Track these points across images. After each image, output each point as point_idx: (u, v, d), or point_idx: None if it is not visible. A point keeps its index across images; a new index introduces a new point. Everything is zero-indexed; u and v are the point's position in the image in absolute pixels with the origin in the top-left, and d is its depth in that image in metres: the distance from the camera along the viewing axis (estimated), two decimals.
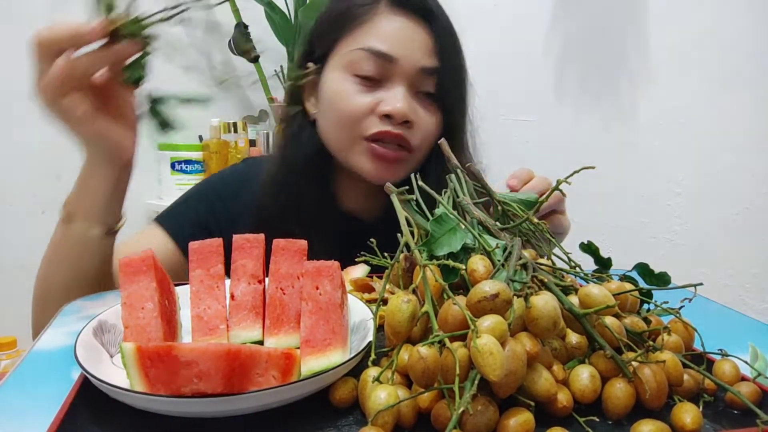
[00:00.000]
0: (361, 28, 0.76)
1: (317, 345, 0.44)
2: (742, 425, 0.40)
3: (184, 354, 0.37)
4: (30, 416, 0.40)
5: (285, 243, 0.52)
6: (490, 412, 0.36)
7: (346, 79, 0.76)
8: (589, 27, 1.62)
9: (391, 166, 0.76)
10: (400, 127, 0.75)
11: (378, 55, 0.74)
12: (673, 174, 1.59)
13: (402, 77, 0.75)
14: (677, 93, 1.57)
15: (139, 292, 0.47)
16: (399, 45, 0.74)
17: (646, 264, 0.54)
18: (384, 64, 0.74)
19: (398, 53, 0.74)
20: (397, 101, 0.73)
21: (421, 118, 0.76)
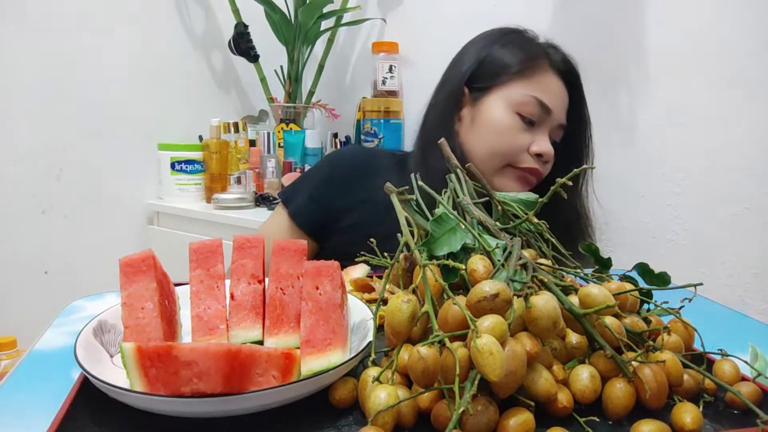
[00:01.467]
0: (531, 78, 0.92)
1: (317, 345, 0.44)
2: (742, 425, 0.40)
3: (184, 354, 0.37)
4: (30, 416, 0.40)
5: (285, 243, 0.52)
6: (490, 412, 0.36)
7: (510, 115, 0.92)
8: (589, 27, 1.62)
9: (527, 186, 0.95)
10: (542, 164, 0.93)
11: (542, 105, 0.91)
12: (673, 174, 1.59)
13: (549, 126, 0.93)
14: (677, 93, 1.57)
15: (139, 292, 0.47)
16: (555, 101, 0.92)
17: (646, 264, 0.54)
18: (543, 113, 0.91)
19: (553, 107, 0.92)
20: (547, 145, 0.92)
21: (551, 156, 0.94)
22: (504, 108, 0.92)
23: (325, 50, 1.88)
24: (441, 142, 0.65)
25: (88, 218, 1.72)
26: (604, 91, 1.65)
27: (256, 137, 1.88)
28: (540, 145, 0.91)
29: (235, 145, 1.82)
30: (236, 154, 1.82)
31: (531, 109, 0.91)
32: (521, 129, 0.91)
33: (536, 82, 0.92)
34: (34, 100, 1.67)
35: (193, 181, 1.77)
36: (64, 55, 1.68)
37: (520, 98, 0.91)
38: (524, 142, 0.91)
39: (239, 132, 1.84)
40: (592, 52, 1.63)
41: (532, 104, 0.91)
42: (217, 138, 1.78)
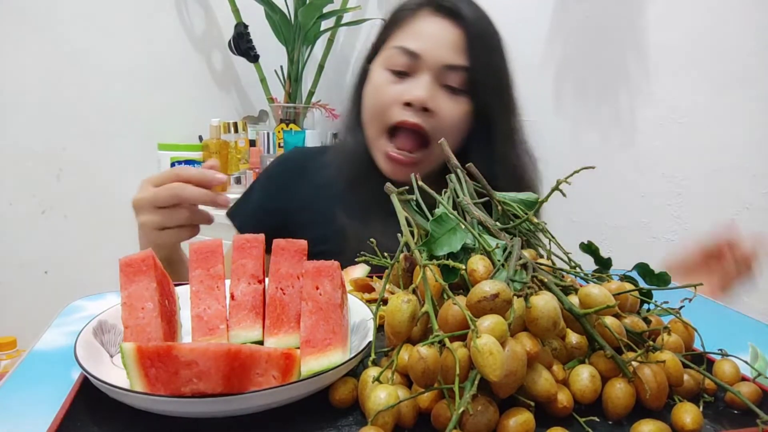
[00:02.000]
0: (401, 30, 0.86)
1: (317, 345, 0.44)
2: (742, 425, 0.40)
3: (184, 354, 0.37)
4: (30, 416, 0.40)
5: (285, 243, 0.52)
6: (490, 412, 0.36)
7: (382, 73, 0.86)
8: (589, 27, 1.62)
9: (407, 168, 0.84)
10: (418, 115, 0.82)
11: (406, 52, 0.83)
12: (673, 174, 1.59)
13: (427, 71, 0.83)
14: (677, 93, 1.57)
15: (139, 292, 0.47)
16: (426, 43, 0.83)
17: (646, 264, 0.54)
18: (412, 59, 0.83)
19: (423, 50, 0.82)
20: (418, 90, 0.81)
21: (442, 107, 0.83)
22: (378, 70, 0.87)
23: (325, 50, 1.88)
24: (441, 142, 0.65)
25: (88, 218, 1.72)
26: (605, 91, 1.65)
27: (256, 137, 1.88)
28: (410, 92, 0.82)
29: (235, 145, 1.82)
30: (236, 154, 1.82)
31: (397, 60, 0.84)
32: (390, 82, 0.84)
33: (405, 33, 0.86)
34: (34, 100, 1.67)
35: None
36: (65, 56, 1.68)
37: (387, 53, 0.86)
38: (394, 93, 0.83)
39: (239, 132, 1.84)
40: (593, 52, 1.63)
41: (397, 54, 0.84)
42: (217, 138, 1.78)
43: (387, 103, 0.84)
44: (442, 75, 0.83)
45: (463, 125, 0.85)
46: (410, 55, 0.83)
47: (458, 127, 0.85)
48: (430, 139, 0.84)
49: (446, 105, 0.83)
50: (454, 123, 0.84)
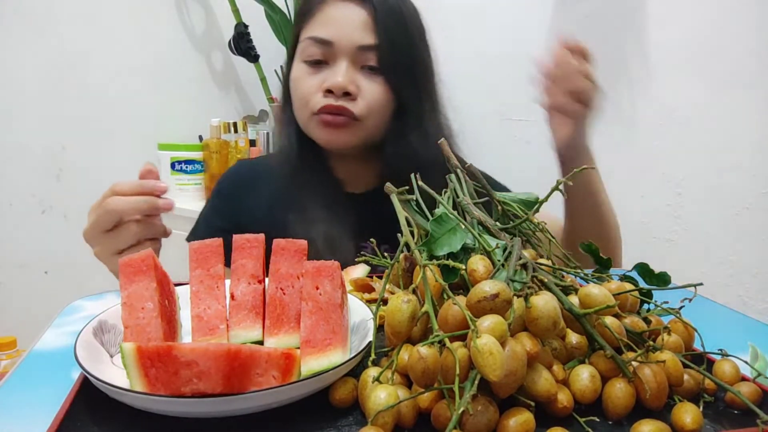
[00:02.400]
0: (313, 19, 0.86)
1: (317, 345, 0.44)
2: (742, 425, 0.40)
3: (184, 354, 0.37)
4: (30, 416, 0.40)
5: (285, 243, 0.52)
6: (490, 412, 0.36)
7: (299, 66, 0.87)
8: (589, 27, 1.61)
9: (338, 130, 0.85)
10: (341, 99, 0.83)
11: (318, 41, 0.84)
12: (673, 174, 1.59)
13: (343, 56, 0.84)
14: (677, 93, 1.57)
15: (139, 292, 0.47)
16: (337, 29, 0.84)
17: (646, 264, 0.54)
18: (325, 48, 0.84)
19: (335, 37, 0.83)
20: (337, 76, 0.82)
21: (363, 89, 0.84)
22: (296, 64, 0.88)
23: None
24: (441, 142, 0.65)
25: None
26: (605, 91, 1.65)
27: (256, 137, 1.88)
28: (329, 79, 0.83)
29: (236, 145, 1.82)
30: (236, 154, 1.82)
31: (311, 51, 0.85)
32: (308, 74, 0.85)
33: (313, 23, 0.86)
34: (34, 100, 1.67)
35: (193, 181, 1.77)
36: (65, 55, 1.68)
37: (302, 46, 0.87)
38: (313, 84, 0.85)
39: (239, 132, 1.84)
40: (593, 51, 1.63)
41: (310, 45, 0.85)
42: (217, 138, 1.78)
43: (308, 94, 0.85)
44: (358, 57, 0.84)
45: (387, 104, 0.86)
46: (322, 44, 0.84)
47: (382, 107, 0.86)
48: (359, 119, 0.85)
49: (366, 86, 0.84)
50: (378, 103, 0.85)
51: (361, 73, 0.85)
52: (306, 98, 0.85)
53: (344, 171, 0.94)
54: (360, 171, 0.94)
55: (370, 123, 0.86)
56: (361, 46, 0.83)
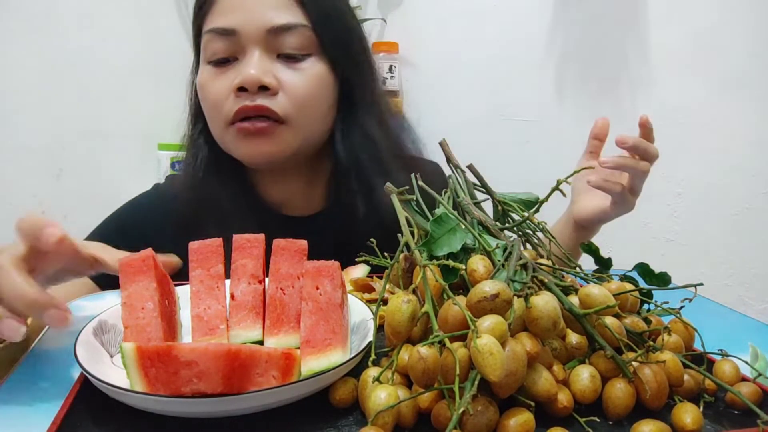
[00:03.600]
0: (211, 11, 0.71)
1: (317, 345, 0.44)
2: (742, 425, 0.40)
3: (184, 354, 0.37)
4: (30, 416, 0.40)
5: (285, 243, 0.52)
6: (490, 412, 0.36)
7: (205, 69, 0.72)
8: (590, 27, 1.61)
9: (263, 140, 0.69)
10: (258, 97, 0.68)
11: (220, 33, 0.69)
12: (673, 174, 1.59)
13: (252, 44, 0.69)
14: (677, 93, 1.57)
15: (139, 292, 0.47)
16: (239, 14, 0.68)
17: (646, 264, 0.54)
18: (229, 39, 0.69)
19: (238, 23, 0.68)
20: (248, 68, 0.67)
21: (285, 81, 0.69)
22: (202, 68, 0.73)
23: None
24: (441, 142, 0.65)
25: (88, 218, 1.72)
26: (605, 91, 1.65)
27: None
28: (240, 73, 0.68)
29: None
30: None
31: (214, 46, 0.70)
32: (216, 76, 0.70)
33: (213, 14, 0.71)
34: (34, 100, 1.67)
35: None
36: (64, 55, 1.68)
37: (204, 44, 0.71)
38: (225, 85, 0.69)
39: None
40: (593, 52, 1.63)
41: (212, 40, 0.70)
42: None
43: (219, 99, 0.69)
44: (272, 43, 0.69)
45: (321, 95, 0.71)
46: (225, 35, 0.69)
47: (315, 99, 0.71)
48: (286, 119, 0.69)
49: (288, 77, 0.69)
50: (306, 95, 0.70)
51: (279, 62, 0.70)
52: (217, 105, 0.70)
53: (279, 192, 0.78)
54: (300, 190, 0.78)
55: (301, 123, 0.70)
56: (272, 28, 0.68)
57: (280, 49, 0.69)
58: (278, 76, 0.69)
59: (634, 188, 0.77)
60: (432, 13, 1.65)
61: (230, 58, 0.70)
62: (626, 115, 1.63)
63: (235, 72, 0.69)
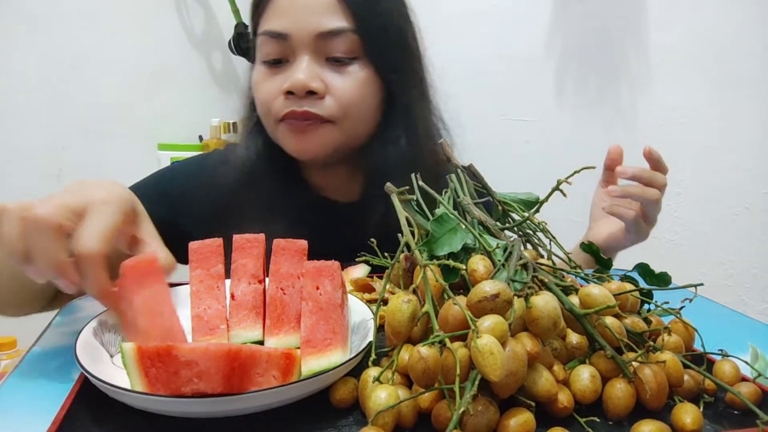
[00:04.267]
0: (265, 12, 0.75)
1: (317, 345, 0.44)
2: (742, 426, 0.40)
3: (184, 354, 0.37)
4: (30, 416, 0.40)
5: (285, 243, 0.52)
6: (490, 412, 0.36)
7: (258, 69, 0.76)
8: (590, 27, 1.62)
9: (308, 136, 0.73)
10: (305, 101, 0.71)
11: (273, 36, 0.72)
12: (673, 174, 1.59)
13: (302, 49, 0.72)
14: (677, 93, 1.57)
15: (155, 297, 0.47)
16: (291, 18, 0.71)
17: (647, 264, 0.54)
18: (281, 42, 0.72)
19: (290, 27, 0.71)
20: (297, 73, 0.70)
21: (332, 84, 0.72)
22: (257, 67, 0.77)
23: None
24: (442, 142, 0.65)
25: None
26: (605, 91, 1.65)
27: None
28: (289, 78, 0.71)
29: None
30: None
31: (267, 48, 0.73)
32: (268, 76, 0.74)
33: (267, 16, 0.74)
34: (34, 100, 1.67)
35: None
36: (65, 56, 1.68)
37: (258, 45, 0.75)
38: (273, 87, 0.73)
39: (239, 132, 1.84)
40: (593, 52, 1.63)
41: (265, 42, 0.73)
42: (217, 138, 1.78)
43: (269, 99, 0.74)
44: (321, 47, 0.71)
45: (367, 98, 0.74)
46: (278, 38, 0.72)
47: (361, 102, 0.74)
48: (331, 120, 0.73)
49: (335, 81, 0.72)
50: (352, 98, 0.73)
51: (328, 66, 0.72)
52: (266, 104, 0.74)
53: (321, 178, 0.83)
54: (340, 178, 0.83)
55: (347, 125, 0.74)
56: (321, 33, 0.70)
57: (328, 53, 0.72)
58: (326, 80, 0.72)
59: (648, 216, 0.79)
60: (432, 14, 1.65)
61: (282, 60, 0.74)
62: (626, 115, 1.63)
63: (286, 74, 0.72)
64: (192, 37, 1.91)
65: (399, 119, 0.77)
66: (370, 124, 0.77)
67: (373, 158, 0.77)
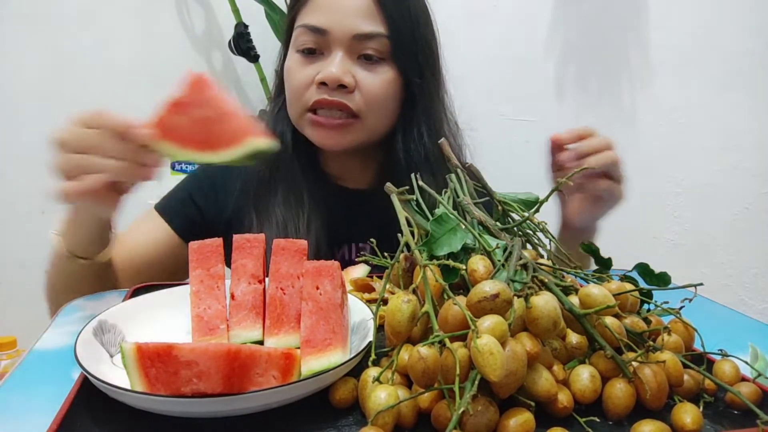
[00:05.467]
0: (305, 7, 0.80)
1: (317, 345, 0.44)
2: (742, 425, 0.40)
3: (184, 354, 0.37)
4: (30, 416, 0.40)
5: (285, 243, 0.52)
6: (490, 412, 0.36)
7: (293, 56, 0.81)
8: (590, 27, 1.62)
9: (334, 132, 0.79)
10: (336, 93, 0.77)
11: (312, 29, 0.78)
12: (673, 174, 1.59)
13: (338, 45, 0.78)
14: (677, 93, 1.57)
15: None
16: (331, 16, 0.77)
17: (647, 264, 0.54)
18: (319, 37, 0.78)
19: (329, 24, 0.77)
20: (331, 67, 0.76)
21: (361, 80, 0.78)
22: (290, 54, 0.82)
23: None
24: (441, 142, 0.65)
25: None
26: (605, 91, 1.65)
27: None
28: (323, 70, 0.76)
29: None
30: None
31: (304, 39, 0.79)
32: (302, 65, 0.79)
33: (307, 9, 0.80)
34: (34, 100, 1.67)
35: None
36: (64, 55, 1.68)
37: (295, 35, 0.81)
38: (308, 75, 0.78)
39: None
40: (593, 52, 1.63)
41: (303, 33, 0.79)
42: None
43: (301, 86, 0.79)
44: (355, 46, 0.77)
45: (390, 97, 0.80)
46: (316, 32, 0.78)
47: (384, 100, 0.80)
48: (358, 114, 0.79)
49: (365, 77, 0.78)
50: (378, 95, 0.79)
51: (358, 63, 0.78)
52: (299, 91, 0.79)
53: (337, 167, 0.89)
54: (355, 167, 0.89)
55: (371, 121, 0.80)
56: (357, 34, 0.77)
57: (360, 51, 0.78)
58: (356, 76, 0.78)
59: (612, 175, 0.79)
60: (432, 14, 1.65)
61: (316, 51, 0.79)
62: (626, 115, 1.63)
63: (319, 66, 0.78)
64: (192, 37, 1.91)
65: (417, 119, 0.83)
66: (389, 122, 0.83)
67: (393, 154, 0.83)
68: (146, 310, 0.53)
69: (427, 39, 0.84)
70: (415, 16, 0.81)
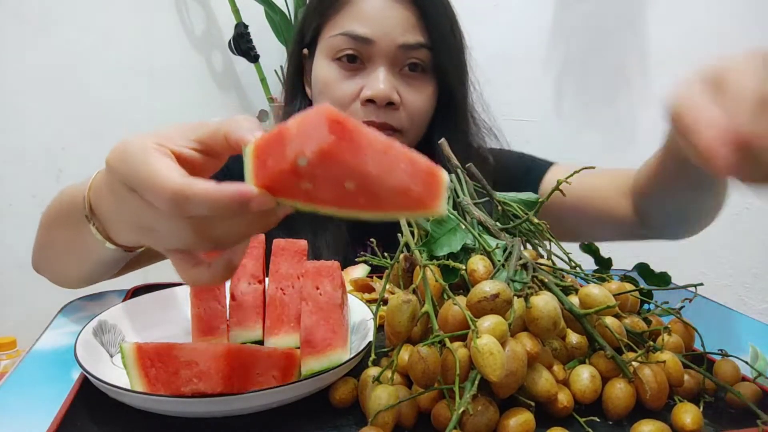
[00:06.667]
0: (343, 12, 0.76)
1: (317, 345, 0.44)
2: (742, 425, 0.40)
3: (184, 354, 0.37)
4: (30, 416, 0.40)
5: (285, 243, 0.52)
6: (490, 412, 0.36)
7: (330, 66, 0.77)
8: (590, 27, 1.62)
9: None
10: (383, 112, 0.74)
11: (356, 39, 0.74)
12: None
13: (382, 57, 0.75)
14: None
15: None
16: (376, 25, 0.74)
17: (647, 264, 0.54)
18: (363, 46, 0.74)
19: (375, 34, 0.74)
20: (379, 83, 0.73)
21: (405, 97, 0.76)
22: (324, 60, 0.77)
23: None
24: (441, 143, 0.65)
25: None
26: (605, 91, 1.65)
27: None
28: (370, 87, 0.73)
29: None
30: None
31: (343, 48, 0.75)
32: (343, 78, 0.75)
33: (345, 16, 0.75)
34: (33, 100, 1.67)
35: None
36: (64, 55, 1.68)
37: (331, 42, 0.76)
38: (351, 90, 0.75)
39: None
40: (593, 52, 1.63)
41: (343, 42, 0.74)
42: None
43: (344, 101, 0.75)
44: (398, 57, 0.75)
45: (430, 110, 0.80)
46: (360, 41, 0.74)
47: (426, 115, 0.79)
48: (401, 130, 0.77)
49: (409, 94, 0.76)
50: (421, 111, 0.78)
51: (401, 77, 0.76)
52: (341, 107, 0.75)
53: None
54: None
55: (412, 135, 0.78)
56: (403, 45, 0.74)
57: (404, 62, 0.76)
58: (401, 93, 0.76)
59: None
60: None
61: (356, 60, 0.75)
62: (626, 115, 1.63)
63: (362, 80, 0.75)
64: (192, 37, 1.91)
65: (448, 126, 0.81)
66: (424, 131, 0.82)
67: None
68: (146, 310, 0.53)
69: (460, 48, 0.82)
70: (450, 26, 0.80)
